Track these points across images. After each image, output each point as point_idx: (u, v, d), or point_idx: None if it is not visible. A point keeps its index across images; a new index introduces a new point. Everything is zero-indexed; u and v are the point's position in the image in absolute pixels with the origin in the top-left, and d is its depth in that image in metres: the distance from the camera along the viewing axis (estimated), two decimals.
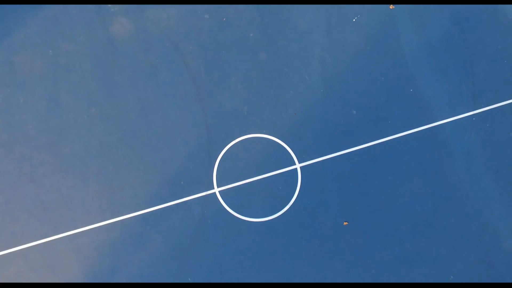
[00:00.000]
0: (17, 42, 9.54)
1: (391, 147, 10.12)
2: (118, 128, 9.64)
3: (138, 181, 9.61)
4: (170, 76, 9.77)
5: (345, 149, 9.98)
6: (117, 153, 9.63)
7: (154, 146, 9.69)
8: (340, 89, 10.03)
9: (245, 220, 9.73)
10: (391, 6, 10.20)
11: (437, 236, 10.15)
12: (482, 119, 10.32)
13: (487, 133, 10.34)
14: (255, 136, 9.80)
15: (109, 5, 9.72)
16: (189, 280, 9.64)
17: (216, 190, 9.73)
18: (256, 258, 9.70)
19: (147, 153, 9.68)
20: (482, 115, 10.33)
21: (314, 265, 9.73)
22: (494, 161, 10.32)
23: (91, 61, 9.63)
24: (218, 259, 9.64)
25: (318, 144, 9.91)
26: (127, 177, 9.60)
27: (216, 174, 9.71)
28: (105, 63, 9.66)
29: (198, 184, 9.69)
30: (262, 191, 9.75)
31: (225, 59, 9.88)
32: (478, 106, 10.33)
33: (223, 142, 9.75)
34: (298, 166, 9.85)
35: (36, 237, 9.42)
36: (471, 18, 10.39)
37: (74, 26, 9.63)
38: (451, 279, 10.15)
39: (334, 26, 10.09)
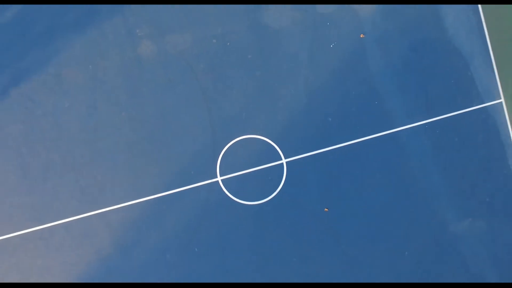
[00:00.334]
0: (64, 58, 12.04)
1: (360, 147, 12.62)
2: (142, 128, 12.14)
3: (156, 170, 12.09)
4: (184, 88, 12.29)
5: (322, 148, 12.49)
6: (141, 148, 12.12)
7: (170, 143, 12.18)
8: (319, 101, 12.56)
9: (241, 203, 12.22)
10: (362, 35, 12.75)
11: (395, 220, 12.65)
12: (433, 126, 12.85)
13: (437, 138, 12.87)
14: (251, 136, 12.31)
15: (137, 30, 12.26)
16: (196, 251, 12.12)
17: (219, 178, 12.23)
18: (249, 234, 12.18)
19: (164, 149, 12.17)
20: (433, 123, 12.86)
21: (294, 238, 12.21)
22: (442, 160, 12.85)
23: (122, 75, 12.14)
24: (219, 233, 12.12)
25: (300, 144, 12.42)
26: (148, 167, 12.08)
27: (219, 166, 12.21)
28: (133, 77, 12.17)
29: (204, 174, 12.19)
30: (255, 180, 12.26)
31: (228, 75, 12.40)
32: (430, 116, 12.86)
33: (225, 140, 12.26)
34: (284, 161, 12.37)
35: (75, 213, 11.89)
36: (426, 46, 12.95)
37: (109, 47, 12.15)
38: (406, 255, 12.64)
39: (315, 51, 12.62)
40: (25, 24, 12.04)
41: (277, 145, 12.37)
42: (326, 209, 12.43)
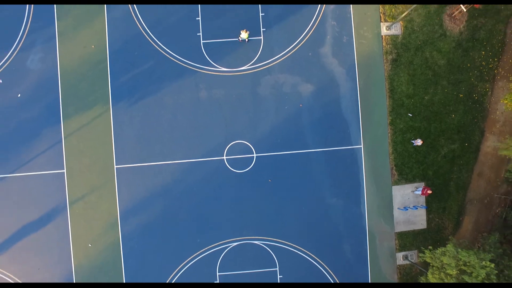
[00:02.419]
0: (163, 92, 26.74)
1: (290, 155, 27.23)
2: (194, 130, 26.76)
3: (197, 149, 26.69)
4: (216, 115, 26.96)
5: (273, 152, 27.14)
6: (192, 140, 26.72)
7: (205, 139, 26.80)
8: (276, 132, 27.20)
9: (233, 170, 26.84)
10: (300, 105, 27.50)
11: (300, 192, 27.16)
12: (327, 152, 27.49)
13: (328, 158, 27.48)
14: (241, 141, 26.99)
15: (200, 84, 26.97)
16: (209, 190, 26.67)
17: (224, 158, 26.86)
18: (235, 185, 26.74)
19: (203, 141, 26.77)
20: (327, 151, 27.50)
21: (254, 189, 26.80)
22: (328, 169, 27.46)
23: (189, 104, 26.84)
24: (221, 183, 26.69)
25: (263, 149, 27.07)
26: (193, 147, 26.67)
27: (225, 152, 26.85)
28: (194, 105, 26.85)
29: (218, 154, 26.82)
30: (241, 161, 26.89)
31: (237, 112, 27.08)
32: (326, 147, 27.50)
33: (230, 141, 26.93)
34: (254, 155, 27.05)
35: (157, 160, 26.48)
36: (328, 113, 27.63)
37: (186, 90, 26.83)
38: (303, 209, 27.15)
39: (278, 109, 27.33)
40: (148, 72, 26.79)
41: (253, 147, 27.06)
42: (269, 180, 27.06)
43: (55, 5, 26.69)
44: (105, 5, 26.84)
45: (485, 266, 20.03)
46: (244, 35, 26.28)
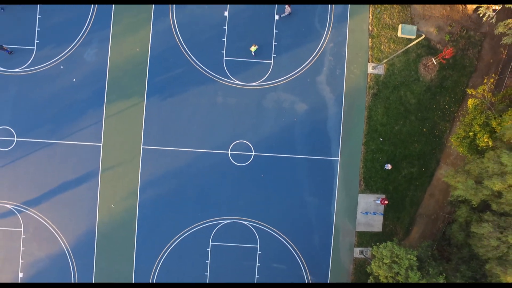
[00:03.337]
0: (188, 94, 33.65)
1: (280, 158, 34.13)
2: (209, 128, 33.67)
3: (209, 143, 33.59)
4: (227, 118, 33.86)
5: (267, 153, 34.03)
6: (206, 136, 33.63)
7: (214, 136, 33.69)
8: (271, 138, 34.12)
9: (234, 164, 33.73)
10: (295, 119, 34.39)
11: (286, 188, 34.05)
12: (310, 160, 34.38)
13: (310, 164, 34.38)
14: (243, 141, 33.87)
15: (218, 92, 33.89)
16: (208, 178, 33.60)
17: (229, 152, 33.76)
18: (235, 175, 33.62)
19: (215, 137, 33.66)
20: (310, 158, 34.39)
21: (251, 180, 33.68)
22: (309, 171, 34.37)
23: (208, 107, 33.74)
24: (224, 173, 33.57)
25: (261, 149, 33.96)
26: (205, 141, 33.56)
27: (230, 148, 33.74)
28: (211, 109, 33.76)
29: (223, 149, 33.70)
30: (241, 157, 33.79)
31: (243, 118, 34.01)
32: (310, 155, 34.40)
33: (234, 140, 33.83)
34: (253, 153, 33.94)
35: (168, 146, 33.40)
36: (316, 131, 34.58)
37: (205, 94, 33.73)
38: (288, 201, 34.08)
39: (278, 119, 34.25)
40: (178, 76, 33.70)
41: (252, 147, 33.93)
42: (262, 175, 33.94)
43: (112, 13, 33.58)
44: (152, 18, 33.75)
45: (410, 258, 26.88)
46: (252, 48, 33.19)
